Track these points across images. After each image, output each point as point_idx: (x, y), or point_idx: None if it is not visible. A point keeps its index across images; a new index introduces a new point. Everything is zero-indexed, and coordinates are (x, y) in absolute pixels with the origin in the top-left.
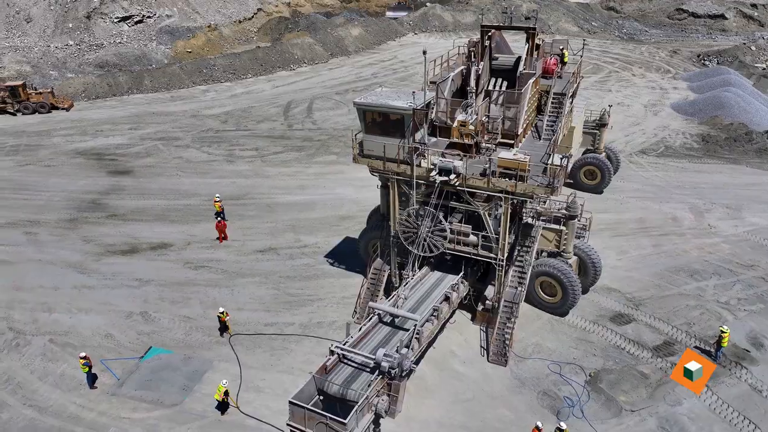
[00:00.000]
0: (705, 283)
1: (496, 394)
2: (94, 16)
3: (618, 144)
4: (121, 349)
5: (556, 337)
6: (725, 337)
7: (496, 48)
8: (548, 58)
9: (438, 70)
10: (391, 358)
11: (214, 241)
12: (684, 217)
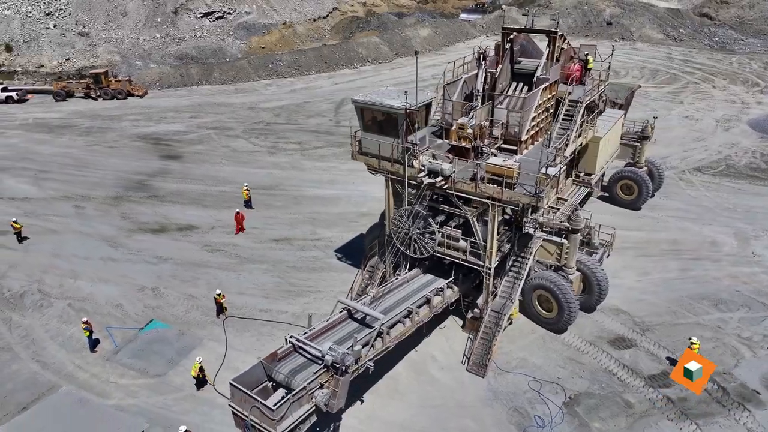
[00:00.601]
0: (729, 315)
1: (466, 404)
2: (181, 12)
3: (673, 159)
4: (127, 320)
5: (546, 354)
6: (694, 349)
7: (522, 52)
8: (572, 64)
9: (459, 71)
10: (335, 353)
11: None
12: (725, 242)
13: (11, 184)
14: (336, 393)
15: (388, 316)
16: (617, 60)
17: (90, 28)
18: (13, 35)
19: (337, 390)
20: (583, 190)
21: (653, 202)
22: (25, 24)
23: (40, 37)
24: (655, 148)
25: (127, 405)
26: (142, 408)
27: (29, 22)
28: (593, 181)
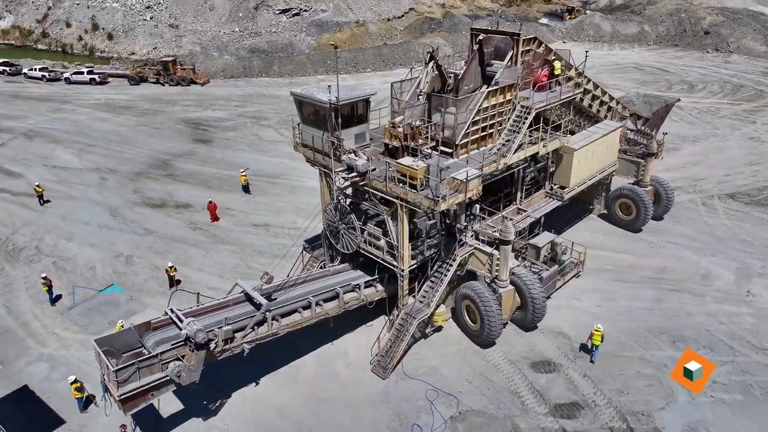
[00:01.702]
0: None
1: (352, 402)
2: (261, 8)
3: (709, 182)
4: (94, 281)
5: (459, 366)
6: (596, 336)
7: (497, 54)
8: (540, 69)
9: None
10: (191, 328)
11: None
12: (721, 276)
13: (60, 154)
14: (187, 366)
15: (274, 303)
16: (699, 72)
17: (180, 21)
18: (116, 25)
19: (188, 364)
20: (553, 203)
21: (658, 225)
22: (127, 15)
23: (137, 27)
24: (697, 169)
25: (58, 355)
26: (68, 360)
27: (130, 13)
28: (566, 196)
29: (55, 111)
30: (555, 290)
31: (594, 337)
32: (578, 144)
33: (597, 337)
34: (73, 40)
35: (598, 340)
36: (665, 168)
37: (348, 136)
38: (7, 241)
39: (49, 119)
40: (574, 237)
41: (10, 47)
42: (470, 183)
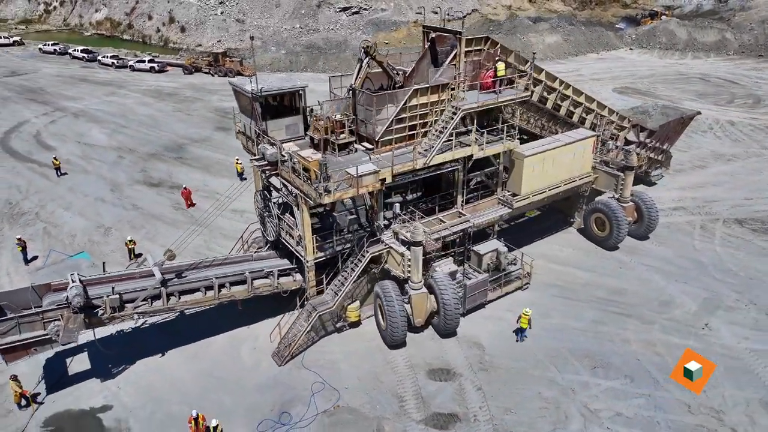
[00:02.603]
0: (598, 382)
1: (241, 384)
2: (323, 5)
3: (723, 204)
4: (69, 248)
5: (358, 363)
6: (524, 318)
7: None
8: (485, 70)
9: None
10: (71, 293)
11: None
12: (683, 305)
13: (94, 132)
14: (64, 327)
15: (174, 281)
16: None
17: (247, 16)
18: (189, 19)
19: (65, 324)
20: (502, 210)
21: (639, 245)
22: (200, 10)
23: (207, 21)
24: (715, 190)
25: None
26: None
27: (204, 8)
28: (516, 205)
29: (109, 95)
30: (488, 300)
31: (521, 320)
32: (530, 151)
33: (524, 320)
34: (152, 32)
35: (525, 323)
36: (680, 186)
37: (279, 126)
38: (15, 205)
39: (100, 101)
40: (541, 248)
41: (101, 37)
42: (363, 179)
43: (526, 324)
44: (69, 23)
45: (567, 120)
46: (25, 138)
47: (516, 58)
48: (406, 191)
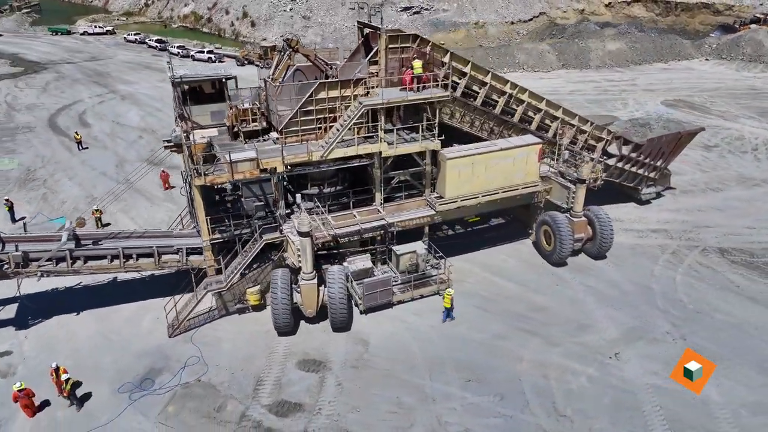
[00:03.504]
0: (465, 395)
1: (126, 348)
2: (386, 4)
3: (714, 232)
4: (56, 212)
5: (241, 346)
6: (446, 298)
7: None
8: (406, 69)
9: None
10: None
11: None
12: (603, 331)
13: (131, 114)
14: None
15: (82, 247)
16: None
17: (314, 13)
18: (260, 14)
19: None
20: (424, 212)
21: (591, 264)
22: (271, 6)
23: (276, 17)
24: (716, 215)
25: None
26: None
27: (275, 5)
28: (439, 207)
29: (161, 81)
30: (397, 301)
31: (444, 300)
32: (455, 153)
33: (447, 300)
34: (227, 26)
35: (447, 303)
36: (676, 207)
37: (204, 112)
38: (32, 172)
39: (151, 86)
40: (487, 257)
41: (185, 29)
42: (238, 165)
43: (449, 304)
44: (162, 16)
45: (524, 126)
46: (71, 115)
47: (453, 58)
48: (323, 184)
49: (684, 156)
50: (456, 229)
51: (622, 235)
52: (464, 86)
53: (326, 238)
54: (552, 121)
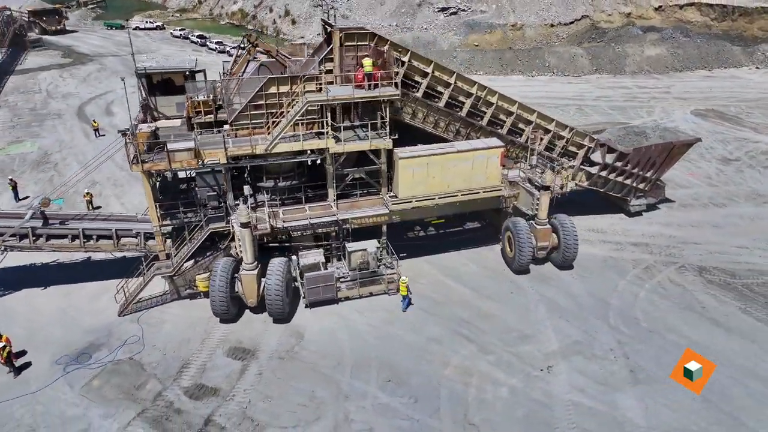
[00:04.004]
0: (378, 395)
1: (76, 323)
2: (423, 5)
3: (701, 249)
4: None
5: (181, 329)
6: (402, 286)
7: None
8: (359, 67)
9: None
10: None
11: None
12: (543, 342)
13: None
14: None
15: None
16: None
17: (353, 13)
18: (301, 12)
19: None
20: (378, 210)
21: (555, 274)
22: (311, 5)
23: (315, 15)
24: (709, 232)
25: None
26: None
27: (314, 3)
28: (392, 207)
29: None
30: (343, 297)
31: (401, 289)
32: (409, 153)
33: (402, 288)
34: (269, 23)
35: (404, 291)
36: (668, 221)
37: (170, 103)
38: (48, 155)
39: None
40: (449, 259)
41: (232, 26)
42: (175, 154)
43: (405, 291)
44: (213, 13)
45: (493, 130)
46: (99, 104)
47: (413, 57)
48: (279, 177)
49: (697, 168)
50: (428, 230)
51: (598, 246)
52: (428, 87)
53: (266, 230)
54: (526, 126)
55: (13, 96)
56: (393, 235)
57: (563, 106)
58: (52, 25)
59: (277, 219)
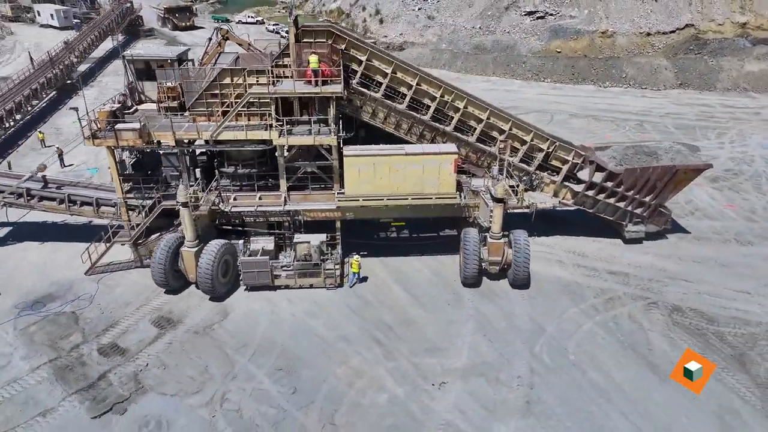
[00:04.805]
0: (264, 380)
1: (46, 275)
2: (511, 8)
3: (689, 287)
4: (94, 164)
5: (129, 295)
6: (354, 264)
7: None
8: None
9: None
10: None
11: None
12: (453, 357)
13: None
14: None
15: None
16: None
17: (440, 14)
18: (390, 12)
19: None
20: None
21: (505, 291)
22: (401, 4)
23: (403, 15)
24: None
25: None
26: None
27: (406, 3)
28: (338, 203)
29: None
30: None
31: (353, 266)
32: (354, 151)
33: (354, 265)
34: (359, 21)
35: (355, 268)
36: (666, 253)
37: (155, 88)
38: None
39: None
40: (405, 262)
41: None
42: (122, 133)
43: (357, 269)
44: (315, 11)
45: (459, 136)
46: None
47: (373, 57)
48: (239, 164)
49: (744, 200)
50: (401, 232)
51: (570, 269)
52: (391, 88)
53: (203, 212)
54: (500, 134)
55: (109, 77)
56: (363, 234)
57: (621, 120)
58: (182, 21)
59: (227, 203)
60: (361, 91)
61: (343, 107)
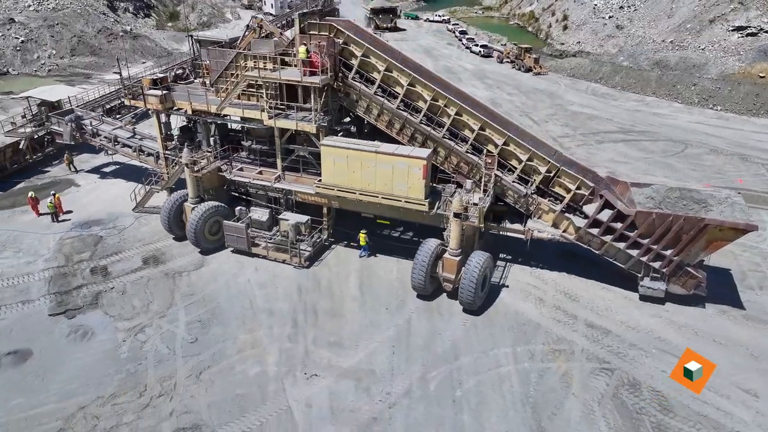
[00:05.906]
0: (169, 329)
1: (111, 205)
2: (717, 21)
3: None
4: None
5: (146, 232)
6: (362, 237)
7: None
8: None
9: None
10: (72, 117)
11: None
12: (375, 372)
13: None
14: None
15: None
16: None
17: (633, 24)
18: (576, 18)
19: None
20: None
21: (453, 312)
22: (591, 11)
23: (590, 22)
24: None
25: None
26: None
27: (596, 10)
28: (315, 189)
29: None
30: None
31: (361, 239)
32: (332, 141)
33: (362, 238)
34: (545, 27)
35: (363, 241)
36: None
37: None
38: None
39: None
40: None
41: (518, 27)
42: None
43: (364, 242)
44: (511, 13)
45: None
46: None
47: (369, 53)
48: (253, 140)
49: None
50: (398, 229)
51: (542, 309)
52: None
53: (200, 174)
54: (495, 147)
55: None
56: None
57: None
58: (384, 23)
59: (231, 172)
60: (354, 85)
61: (341, 99)
